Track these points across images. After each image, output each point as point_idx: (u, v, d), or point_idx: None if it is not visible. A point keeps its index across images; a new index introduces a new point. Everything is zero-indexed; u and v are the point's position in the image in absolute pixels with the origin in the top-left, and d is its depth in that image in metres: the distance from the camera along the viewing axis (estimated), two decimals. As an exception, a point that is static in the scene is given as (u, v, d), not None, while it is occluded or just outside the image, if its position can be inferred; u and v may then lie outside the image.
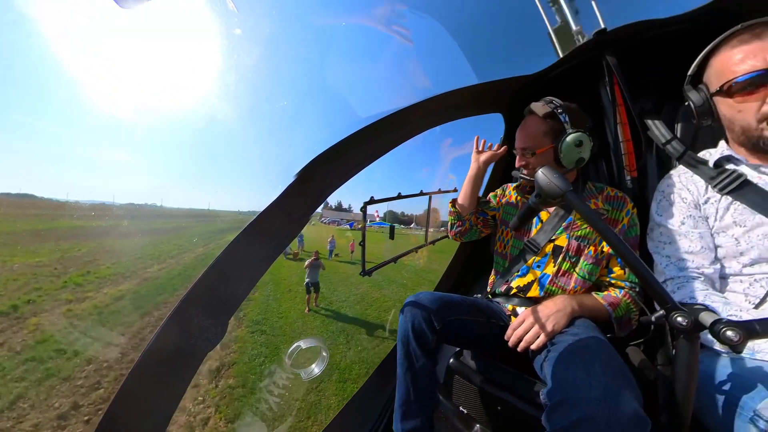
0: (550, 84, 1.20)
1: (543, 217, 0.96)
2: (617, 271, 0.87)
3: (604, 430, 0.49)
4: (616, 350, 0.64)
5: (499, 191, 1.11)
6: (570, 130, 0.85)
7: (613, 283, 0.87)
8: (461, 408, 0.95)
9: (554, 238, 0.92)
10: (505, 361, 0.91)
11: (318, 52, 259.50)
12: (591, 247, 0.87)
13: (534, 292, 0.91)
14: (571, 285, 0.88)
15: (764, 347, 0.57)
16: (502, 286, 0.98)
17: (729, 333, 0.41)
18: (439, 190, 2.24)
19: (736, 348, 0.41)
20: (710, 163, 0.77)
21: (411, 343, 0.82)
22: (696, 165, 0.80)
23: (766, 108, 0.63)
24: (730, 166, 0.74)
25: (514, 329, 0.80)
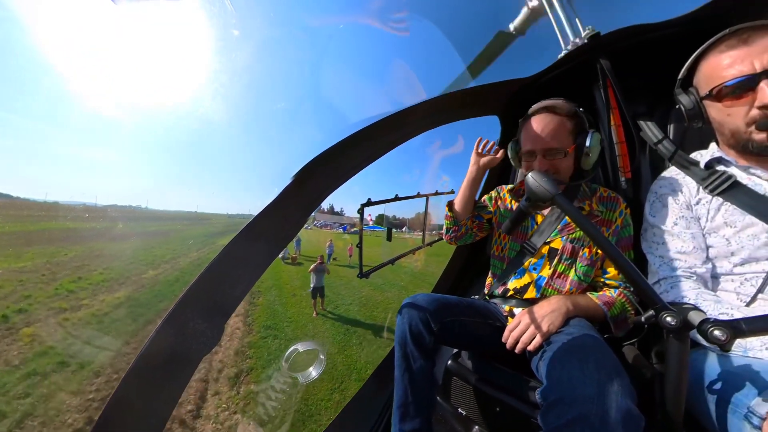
0: (546, 87, 1.21)
1: (538, 220, 0.96)
2: (612, 271, 0.88)
3: (598, 428, 0.50)
4: (612, 349, 0.64)
5: (494, 193, 1.11)
6: (591, 130, 0.85)
7: (608, 283, 0.88)
8: (459, 410, 0.95)
9: (549, 241, 0.92)
10: (502, 362, 0.91)
11: (315, 53, 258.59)
12: (585, 249, 0.88)
13: (530, 294, 0.92)
14: (567, 287, 0.88)
15: (756, 345, 0.58)
16: (499, 288, 0.99)
17: (716, 332, 0.42)
18: (437, 191, 2.25)
19: (724, 346, 0.42)
20: (701, 165, 0.78)
21: (408, 345, 0.82)
22: (688, 166, 0.82)
23: (755, 112, 0.64)
24: (721, 168, 0.75)
25: (511, 331, 0.80)
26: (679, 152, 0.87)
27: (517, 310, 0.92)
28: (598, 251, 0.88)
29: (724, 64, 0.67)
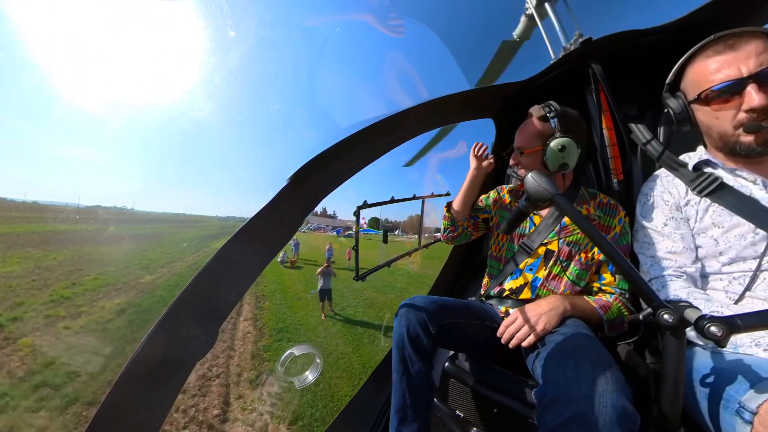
0: (540, 90, 1.23)
1: (536, 221, 0.97)
2: (608, 277, 0.89)
3: (594, 426, 0.51)
4: (607, 348, 0.65)
5: (493, 194, 1.12)
6: (557, 135, 0.87)
7: (604, 289, 0.89)
8: (458, 412, 0.94)
9: (547, 242, 0.93)
10: (500, 364, 0.92)
11: (311, 55, 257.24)
12: (582, 254, 0.90)
13: (525, 295, 0.93)
14: (561, 288, 0.90)
15: (746, 341, 0.59)
16: (496, 288, 1.00)
17: (713, 328, 0.42)
18: (432, 194, 2.26)
19: (720, 342, 0.42)
20: (689, 167, 0.80)
21: (406, 348, 0.81)
22: (676, 168, 0.84)
23: (742, 115, 0.66)
24: (708, 170, 0.77)
25: (507, 326, 0.81)
26: (667, 153, 0.89)
27: (513, 311, 0.93)
28: (594, 256, 0.89)
29: (712, 69, 0.69)
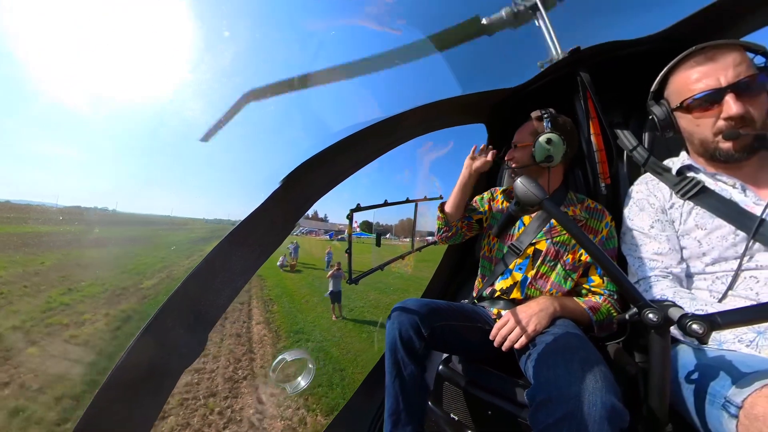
0: (530, 97, 1.26)
1: (525, 221, 0.99)
2: (596, 279, 0.91)
3: (584, 424, 0.51)
4: (597, 347, 0.66)
5: (486, 195, 1.14)
6: (547, 131, 0.91)
7: (593, 290, 0.91)
8: (452, 415, 0.94)
9: (535, 242, 0.95)
10: (492, 365, 0.92)
11: (307, 57, 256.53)
12: (569, 255, 0.92)
13: (515, 294, 0.94)
14: (547, 287, 0.92)
15: (729, 338, 0.61)
16: (487, 289, 1.01)
17: (695, 326, 0.44)
18: (425, 197, 2.27)
19: (702, 339, 0.44)
20: (673, 171, 0.83)
21: (399, 351, 0.81)
22: (661, 172, 0.87)
23: (721, 123, 0.69)
24: (691, 174, 0.80)
25: (499, 329, 0.81)
26: (653, 159, 0.92)
27: (505, 313, 0.94)
28: (582, 258, 0.91)
29: (693, 79, 0.72)
